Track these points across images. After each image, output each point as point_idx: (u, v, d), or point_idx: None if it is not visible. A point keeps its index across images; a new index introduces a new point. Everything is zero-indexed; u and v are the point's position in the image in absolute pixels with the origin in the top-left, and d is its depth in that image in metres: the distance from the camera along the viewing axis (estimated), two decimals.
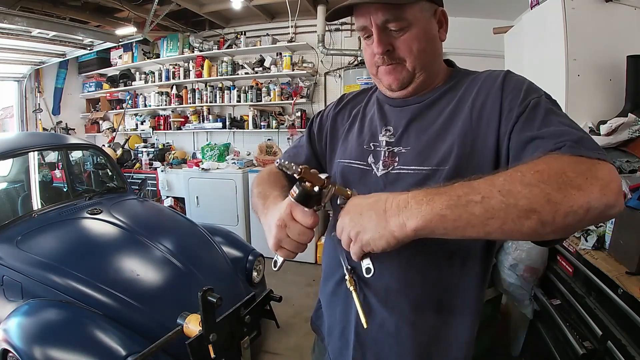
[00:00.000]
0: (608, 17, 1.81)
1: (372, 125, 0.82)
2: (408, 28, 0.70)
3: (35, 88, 4.82)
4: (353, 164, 0.81)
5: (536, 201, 0.47)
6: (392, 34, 0.70)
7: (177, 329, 1.19)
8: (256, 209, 0.83)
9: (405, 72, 0.74)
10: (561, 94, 1.81)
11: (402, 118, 0.78)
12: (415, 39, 0.70)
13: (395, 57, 0.72)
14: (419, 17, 0.70)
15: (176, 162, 4.44)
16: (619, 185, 0.50)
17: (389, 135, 0.78)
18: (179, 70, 4.49)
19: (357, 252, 0.59)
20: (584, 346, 1.34)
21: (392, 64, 0.73)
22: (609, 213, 0.49)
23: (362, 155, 0.80)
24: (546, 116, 0.60)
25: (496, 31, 2.85)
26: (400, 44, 0.71)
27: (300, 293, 3.04)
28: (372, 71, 0.78)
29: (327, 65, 4.05)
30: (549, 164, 0.50)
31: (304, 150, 0.95)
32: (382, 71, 0.75)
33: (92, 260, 1.81)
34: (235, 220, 3.81)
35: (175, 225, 2.36)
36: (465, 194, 0.50)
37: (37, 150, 2.47)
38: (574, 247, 1.49)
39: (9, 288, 1.76)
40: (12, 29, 3.42)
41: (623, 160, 1.64)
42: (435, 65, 0.76)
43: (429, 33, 0.72)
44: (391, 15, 0.69)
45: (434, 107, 0.75)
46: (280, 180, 0.87)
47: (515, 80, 0.68)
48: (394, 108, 0.80)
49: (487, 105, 0.68)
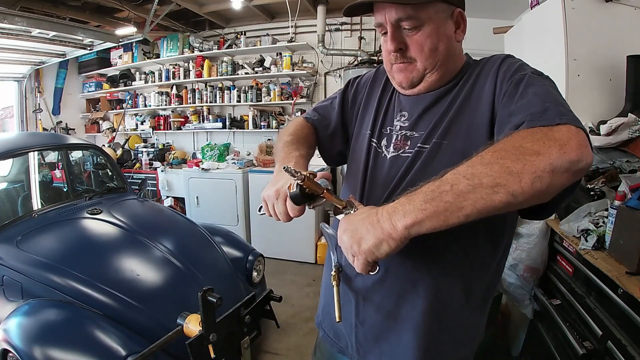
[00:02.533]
0: (608, 17, 1.81)
1: (390, 110, 0.87)
2: (421, 27, 0.71)
3: (35, 88, 4.82)
4: (373, 142, 0.85)
5: (498, 176, 0.51)
6: (406, 32, 0.72)
7: (177, 329, 1.19)
8: (276, 155, 0.87)
9: (415, 72, 0.76)
10: (561, 94, 1.81)
11: (418, 105, 0.80)
12: (428, 38, 0.71)
13: (407, 55, 0.74)
14: (433, 17, 0.71)
15: (176, 162, 4.44)
16: (581, 140, 0.53)
17: (404, 120, 0.82)
18: (179, 70, 4.49)
19: (363, 263, 0.61)
20: (584, 346, 1.34)
21: (404, 62, 0.75)
22: (577, 168, 0.51)
23: (380, 137, 0.85)
24: (524, 90, 0.64)
25: (496, 31, 2.85)
26: (412, 42, 0.73)
27: (300, 293, 3.04)
28: (387, 67, 0.81)
29: (327, 65, 4.05)
30: (506, 142, 0.54)
31: (334, 114, 0.97)
32: (395, 69, 0.78)
33: (92, 260, 1.81)
34: (235, 220, 3.81)
35: (175, 225, 2.36)
36: (437, 187, 0.55)
37: (37, 150, 2.47)
38: (574, 247, 1.49)
39: (9, 288, 1.76)
40: (12, 29, 3.41)
41: (623, 160, 1.64)
42: (449, 65, 0.77)
43: (443, 33, 0.73)
44: (405, 14, 0.70)
45: (447, 96, 0.78)
46: (308, 139, 0.92)
47: (509, 63, 0.72)
48: (409, 97, 0.83)
49: (485, 88, 0.72)
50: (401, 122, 0.82)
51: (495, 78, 0.71)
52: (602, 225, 1.40)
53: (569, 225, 1.53)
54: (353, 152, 0.91)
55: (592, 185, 1.64)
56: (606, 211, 1.42)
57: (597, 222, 1.43)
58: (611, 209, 1.32)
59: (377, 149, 0.84)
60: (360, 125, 0.92)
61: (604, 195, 1.55)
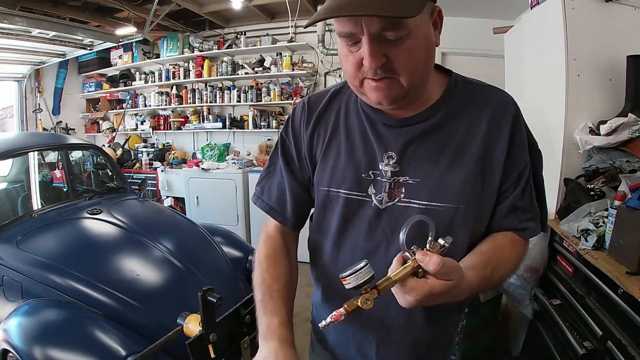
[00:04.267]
0: (608, 17, 1.80)
1: (368, 149, 0.72)
2: (407, 37, 0.58)
3: (35, 88, 4.81)
4: (351, 195, 0.73)
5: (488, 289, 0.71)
6: (388, 42, 0.58)
7: (177, 329, 1.19)
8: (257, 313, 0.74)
9: (398, 89, 0.62)
10: (561, 94, 1.81)
11: (405, 143, 0.70)
12: (416, 49, 0.60)
13: (389, 69, 0.60)
14: (419, 22, 0.59)
15: (176, 162, 4.44)
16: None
17: (393, 165, 0.70)
18: (179, 70, 4.48)
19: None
20: (584, 346, 1.34)
21: (384, 78, 0.61)
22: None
23: (360, 186, 0.72)
24: (525, 195, 0.72)
25: (496, 31, 2.85)
26: (396, 55, 0.59)
27: (300, 293, 2.99)
28: (354, 82, 0.65)
29: (327, 65, 4.05)
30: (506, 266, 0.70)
31: (287, 185, 0.81)
32: (369, 86, 0.63)
33: (92, 260, 1.81)
34: (235, 220, 3.80)
35: (175, 225, 2.36)
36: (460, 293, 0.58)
37: (37, 150, 2.47)
38: (574, 247, 1.49)
39: (9, 288, 1.76)
40: (12, 29, 3.41)
41: (623, 160, 1.64)
42: (429, 76, 0.67)
43: (429, 41, 0.62)
44: (389, 24, 0.56)
45: (440, 129, 0.69)
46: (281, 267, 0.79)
47: (521, 129, 0.72)
48: (391, 129, 0.71)
49: (497, 146, 0.69)
50: (391, 167, 0.70)
51: (507, 143, 0.69)
52: (602, 225, 1.40)
53: (569, 225, 1.54)
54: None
55: (592, 185, 1.64)
56: (606, 211, 1.42)
57: (597, 222, 1.43)
58: (611, 209, 1.32)
59: (364, 198, 0.73)
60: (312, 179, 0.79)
61: (604, 195, 1.56)
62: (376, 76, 0.60)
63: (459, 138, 0.69)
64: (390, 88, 0.62)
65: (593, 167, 1.74)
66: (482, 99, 0.71)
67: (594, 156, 1.74)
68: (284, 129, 0.83)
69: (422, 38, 0.60)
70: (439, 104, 0.70)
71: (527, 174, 0.72)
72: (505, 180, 0.70)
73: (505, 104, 0.71)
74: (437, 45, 0.65)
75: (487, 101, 0.71)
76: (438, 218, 0.65)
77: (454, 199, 0.68)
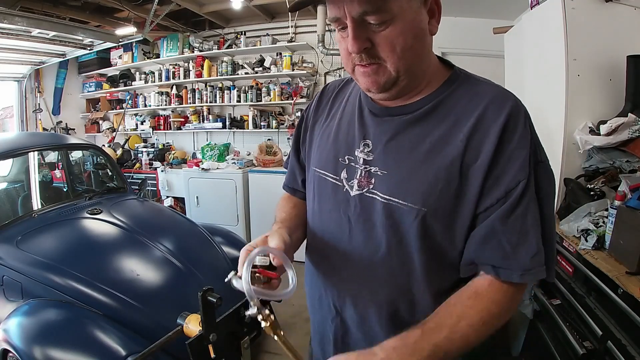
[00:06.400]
0: (608, 17, 1.80)
1: (350, 134, 0.72)
2: (391, 21, 0.57)
3: (35, 88, 4.81)
4: (327, 176, 0.74)
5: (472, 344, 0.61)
6: (371, 27, 0.57)
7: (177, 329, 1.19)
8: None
9: (386, 75, 0.61)
10: (561, 94, 1.81)
11: (383, 133, 0.68)
12: (400, 35, 0.58)
13: (374, 55, 0.59)
14: (405, 8, 0.57)
15: (176, 162, 4.44)
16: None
17: (367, 152, 0.68)
18: (179, 70, 4.48)
19: None
20: (584, 346, 1.34)
21: (371, 64, 0.60)
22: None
23: (336, 169, 0.72)
24: (515, 220, 0.60)
25: (496, 31, 2.85)
26: (380, 40, 0.58)
27: (300, 293, 3.00)
28: (348, 69, 0.66)
29: (327, 65, 4.05)
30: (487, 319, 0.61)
31: (296, 169, 0.90)
32: (358, 72, 0.63)
33: (92, 260, 1.81)
34: (235, 220, 3.80)
35: (175, 225, 2.36)
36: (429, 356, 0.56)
37: (37, 150, 2.47)
38: (574, 247, 1.49)
39: (9, 288, 1.76)
40: (12, 29, 3.41)
41: (623, 160, 1.64)
42: (423, 64, 0.64)
43: (417, 27, 0.59)
44: (371, 6, 0.55)
45: (422, 123, 0.65)
46: (287, 204, 0.89)
47: (518, 137, 0.60)
48: (375, 117, 0.70)
49: (481, 151, 0.60)
50: (365, 155, 0.69)
51: (493, 149, 0.59)
52: (602, 225, 1.40)
53: (569, 225, 1.53)
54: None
55: (592, 185, 1.64)
56: (606, 211, 1.42)
57: (597, 222, 1.43)
58: (611, 209, 1.32)
59: (337, 182, 0.73)
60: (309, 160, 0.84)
61: (604, 195, 1.55)
62: (362, 62, 0.61)
63: (439, 135, 0.63)
64: (376, 74, 0.61)
65: (593, 167, 1.74)
66: (477, 95, 0.64)
67: (594, 156, 1.74)
68: (304, 110, 0.91)
69: (408, 23, 0.58)
70: (430, 97, 0.66)
71: (520, 193, 0.59)
72: (486, 195, 0.60)
73: (501, 102, 0.62)
74: (432, 33, 0.64)
75: (482, 98, 0.63)
76: (400, 219, 0.63)
77: (418, 199, 0.62)
